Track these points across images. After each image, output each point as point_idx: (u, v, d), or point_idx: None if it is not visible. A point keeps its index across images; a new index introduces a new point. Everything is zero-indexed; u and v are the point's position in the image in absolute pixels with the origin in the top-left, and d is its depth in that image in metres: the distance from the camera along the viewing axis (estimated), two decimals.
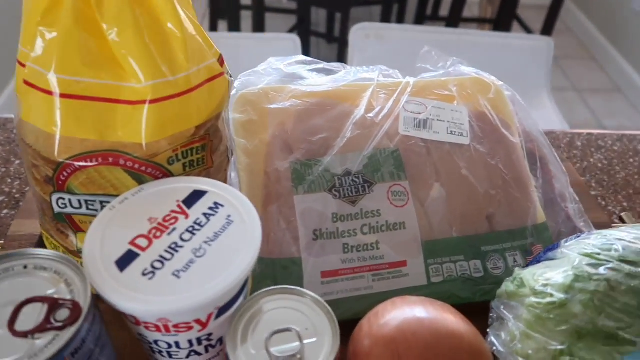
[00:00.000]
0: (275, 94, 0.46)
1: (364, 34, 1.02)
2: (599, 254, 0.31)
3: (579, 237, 0.35)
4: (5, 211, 0.54)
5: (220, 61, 0.39)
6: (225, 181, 0.43)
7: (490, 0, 2.17)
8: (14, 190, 0.57)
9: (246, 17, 2.05)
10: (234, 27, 1.88)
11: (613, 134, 0.72)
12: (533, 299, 0.31)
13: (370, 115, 0.46)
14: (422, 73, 0.53)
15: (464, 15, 2.09)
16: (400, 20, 2.17)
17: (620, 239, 0.32)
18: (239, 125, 0.45)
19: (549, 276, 0.31)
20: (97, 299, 0.30)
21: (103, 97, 0.33)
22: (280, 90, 0.47)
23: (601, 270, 0.30)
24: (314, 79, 0.50)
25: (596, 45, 2.51)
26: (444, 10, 2.27)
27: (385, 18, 1.85)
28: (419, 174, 0.45)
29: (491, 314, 0.36)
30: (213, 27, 2.00)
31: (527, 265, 0.39)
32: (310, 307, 0.33)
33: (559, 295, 0.30)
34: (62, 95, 0.32)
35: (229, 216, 0.34)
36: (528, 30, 1.95)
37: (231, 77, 0.40)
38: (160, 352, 0.33)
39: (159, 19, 0.34)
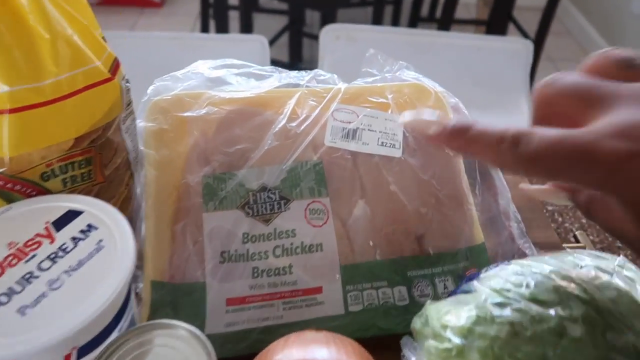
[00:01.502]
0: (191, 101, 0.43)
1: (334, 35, 0.98)
2: (508, 290, 0.27)
3: (499, 265, 0.31)
4: None
5: (114, 66, 0.35)
6: (128, 198, 0.40)
7: (487, 1, 2.12)
8: None
9: (236, 18, 2.02)
10: (222, 28, 1.84)
11: None
12: (432, 342, 0.27)
13: (293, 124, 0.42)
14: (367, 78, 0.49)
15: (460, 16, 2.04)
16: (395, 21, 2.12)
17: (536, 272, 0.28)
18: (149, 135, 0.41)
19: (451, 316, 0.27)
20: None
21: None
22: (196, 96, 0.43)
23: (506, 311, 0.26)
24: (240, 84, 0.46)
25: (595, 47, 2.45)
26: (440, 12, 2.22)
27: (376, 20, 1.81)
28: (341, 190, 0.41)
29: (402, 353, 0.32)
30: (204, 29, 1.97)
31: (448, 296, 0.35)
32: (188, 344, 0.30)
33: (456, 341, 0.26)
34: None
35: (100, 241, 0.30)
36: (523, 32, 1.90)
37: (127, 82, 0.36)
38: None
39: (23, 20, 0.30)
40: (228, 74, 0.46)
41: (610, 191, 0.23)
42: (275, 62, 1.94)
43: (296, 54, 1.98)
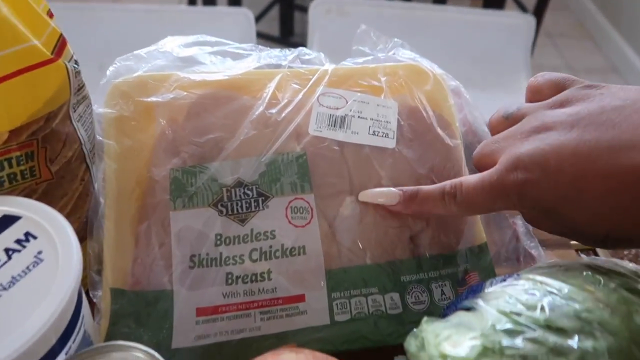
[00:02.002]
0: (157, 84, 0.38)
1: (324, 8, 0.91)
2: (519, 314, 0.23)
3: (507, 279, 0.27)
4: None
5: (59, 44, 0.30)
6: (84, 195, 0.35)
7: None
8: None
9: None
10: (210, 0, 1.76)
11: None
12: None
13: (273, 110, 0.37)
14: (358, 58, 0.44)
15: None
16: None
17: (551, 292, 0.24)
18: (108, 124, 0.36)
19: (452, 343, 0.23)
20: None
21: None
22: (163, 78, 0.38)
23: (518, 341, 0.22)
24: (214, 64, 0.41)
25: (594, 24, 2.39)
26: None
27: None
28: (328, 186, 0.36)
29: None
30: (192, 0, 1.88)
31: (446, 309, 0.31)
32: None
33: None
34: None
35: (39, 253, 0.26)
36: (522, 6, 1.84)
37: (76, 64, 0.31)
38: None
39: None
40: (200, 52, 0.41)
41: (526, 211, 0.30)
42: (264, 36, 1.87)
43: (287, 28, 1.90)
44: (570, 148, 0.26)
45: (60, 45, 0.30)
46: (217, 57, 0.41)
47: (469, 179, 0.31)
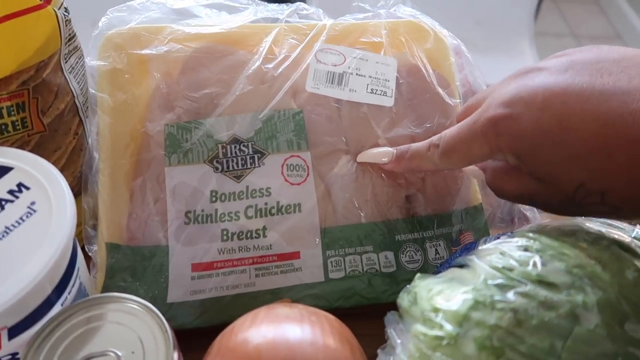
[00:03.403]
0: (150, 36, 0.37)
1: None
2: (511, 270, 0.23)
3: (500, 237, 0.27)
4: None
5: None
6: (78, 149, 0.35)
7: None
8: None
9: None
10: None
11: None
12: (420, 327, 0.23)
13: (269, 65, 0.37)
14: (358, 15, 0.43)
15: None
16: None
17: (544, 249, 0.24)
18: (102, 77, 0.36)
19: (444, 297, 0.24)
20: None
21: None
22: (156, 31, 0.37)
23: (509, 295, 0.22)
24: (209, 17, 0.39)
25: None
26: None
27: None
28: (324, 144, 0.36)
29: (386, 329, 0.29)
30: None
31: (440, 266, 0.31)
32: (142, 319, 0.26)
33: (449, 328, 0.22)
34: None
35: (32, 203, 0.26)
36: None
37: (67, 12, 0.30)
38: None
39: None
40: (195, 5, 0.40)
41: (503, 156, 0.27)
42: None
43: None
44: (560, 87, 0.25)
45: None
46: (213, 10, 0.40)
47: (452, 128, 0.30)
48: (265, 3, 0.42)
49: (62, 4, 0.30)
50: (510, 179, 0.28)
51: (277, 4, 0.41)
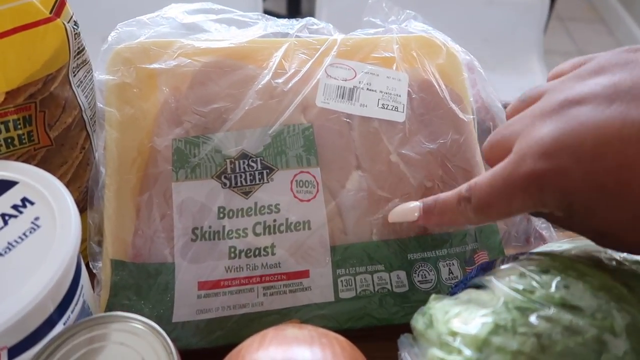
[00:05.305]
0: (160, 51, 0.36)
1: None
2: (532, 292, 0.22)
3: (519, 257, 0.26)
4: None
5: (58, 3, 0.28)
6: (84, 164, 0.34)
7: None
8: None
9: None
10: None
11: None
12: (436, 352, 0.22)
13: (279, 80, 0.36)
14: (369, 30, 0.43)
15: None
16: None
17: (566, 270, 0.23)
18: (110, 91, 0.35)
19: (462, 320, 0.22)
20: None
21: None
22: (166, 45, 0.37)
23: (532, 318, 0.21)
24: (219, 32, 0.39)
25: (606, 6, 2.34)
26: None
27: None
28: (334, 159, 0.35)
29: (399, 353, 0.28)
30: None
31: (454, 287, 0.30)
32: (146, 340, 0.25)
33: (468, 353, 0.21)
34: None
35: (36, 219, 0.25)
36: None
37: (76, 25, 0.30)
38: None
39: None
40: (205, 20, 0.39)
41: (549, 210, 0.23)
42: (271, 14, 1.83)
43: (294, 6, 1.86)
44: (613, 128, 0.20)
45: (59, 5, 0.29)
46: (222, 25, 0.40)
47: (483, 176, 0.26)
48: (275, 18, 0.41)
49: (72, 17, 0.30)
50: (571, 222, 0.24)
51: (287, 19, 0.41)
